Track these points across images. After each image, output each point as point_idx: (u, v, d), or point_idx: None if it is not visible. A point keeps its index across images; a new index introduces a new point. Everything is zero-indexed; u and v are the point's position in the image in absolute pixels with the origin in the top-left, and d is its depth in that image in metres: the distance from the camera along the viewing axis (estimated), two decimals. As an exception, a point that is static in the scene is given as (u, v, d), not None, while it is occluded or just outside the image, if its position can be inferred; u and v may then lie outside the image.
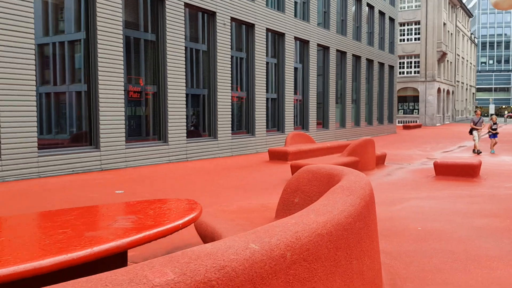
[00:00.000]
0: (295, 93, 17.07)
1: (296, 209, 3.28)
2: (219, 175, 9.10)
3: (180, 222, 2.44)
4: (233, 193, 6.92)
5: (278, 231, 1.57)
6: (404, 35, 42.03)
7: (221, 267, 1.27)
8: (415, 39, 41.77)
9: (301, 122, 17.66)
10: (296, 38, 16.82)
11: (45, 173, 8.50)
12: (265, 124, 14.89)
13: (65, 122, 9.82)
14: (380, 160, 10.32)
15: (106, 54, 9.67)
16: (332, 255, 1.76)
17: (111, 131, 9.82)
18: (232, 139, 13.42)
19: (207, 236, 3.32)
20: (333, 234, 1.79)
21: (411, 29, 41.92)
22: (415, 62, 41.83)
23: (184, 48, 11.68)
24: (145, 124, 11.42)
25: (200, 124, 13.01)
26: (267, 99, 15.32)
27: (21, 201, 6.27)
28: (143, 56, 11.31)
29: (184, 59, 11.67)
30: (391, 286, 3.05)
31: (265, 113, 14.89)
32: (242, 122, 14.41)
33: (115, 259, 2.39)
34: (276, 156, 11.16)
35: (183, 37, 11.66)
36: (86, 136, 9.75)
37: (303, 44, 17.56)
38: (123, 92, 10.10)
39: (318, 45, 18.42)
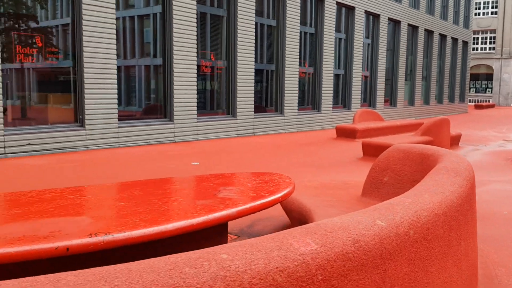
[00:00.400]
0: (363, 69, 16.66)
1: (385, 188, 3.27)
2: (288, 151, 9.17)
3: (279, 195, 2.52)
4: (304, 169, 6.96)
5: (399, 209, 1.60)
6: (479, 8, 39.48)
7: (356, 240, 1.32)
8: (492, 13, 39.12)
9: (368, 99, 17.27)
10: (366, 12, 16.30)
11: (124, 143, 8.96)
12: (331, 100, 14.71)
13: (140, 95, 10.24)
14: (455, 141, 9.93)
15: (180, 29, 9.90)
16: (446, 236, 1.77)
17: (184, 105, 10.13)
18: (298, 115, 13.41)
19: (293, 210, 3.40)
20: (447, 214, 1.79)
21: (488, 3, 39.26)
22: (490, 37, 39.30)
23: (254, 23, 11.70)
24: (214, 98, 11.66)
25: (267, 100, 13.08)
26: (334, 75, 15.08)
27: (109, 169, 6.67)
28: (214, 31, 11.46)
29: (254, 34, 11.71)
30: (484, 270, 2.99)
31: (332, 89, 14.69)
32: (309, 98, 14.32)
33: (217, 228, 2.52)
34: (344, 133, 11.04)
35: (254, 12, 11.66)
36: (161, 109, 10.13)
37: (373, 18, 17.00)
38: (195, 66, 10.34)
39: (389, 19, 17.75)
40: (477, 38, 39.50)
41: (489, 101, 38.06)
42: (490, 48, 39.24)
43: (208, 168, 6.83)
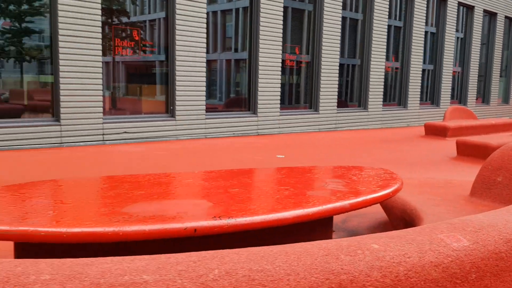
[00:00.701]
0: (454, 64, 15.76)
1: (498, 188, 3.06)
2: (373, 147, 8.92)
3: (390, 190, 2.44)
4: (394, 167, 6.73)
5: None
6: None
7: (507, 240, 1.23)
8: None
9: (459, 96, 16.32)
10: (460, 4, 15.38)
11: (210, 134, 9.23)
12: (419, 96, 14.09)
13: (221, 88, 10.45)
14: (560, 143, 9.08)
15: (267, 22, 9.97)
16: None
17: (267, 98, 10.22)
18: (382, 110, 13.00)
19: (395, 208, 3.28)
20: None
21: None
22: None
23: (340, 17, 11.48)
24: (297, 92, 11.62)
25: (350, 95, 12.81)
26: (423, 70, 14.41)
27: (201, 158, 6.90)
28: (299, 25, 11.41)
29: (340, 29, 11.50)
30: None
31: (419, 85, 14.07)
32: (394, 94, 13.82)
33: (324, 221, 2.49)
34: (433, 131, 10.52)
35: (340, 6, 11.44)
36: (245, 102, 10.28)
37: (466, 10, 16.00)
38: (280, 60, 10.37)
39: (484, 11, 16.61)
40: None
41: None
42: None
43: (293, 161, 6.83)
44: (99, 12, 7.64)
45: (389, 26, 13.26)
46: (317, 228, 2.32)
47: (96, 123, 7.76)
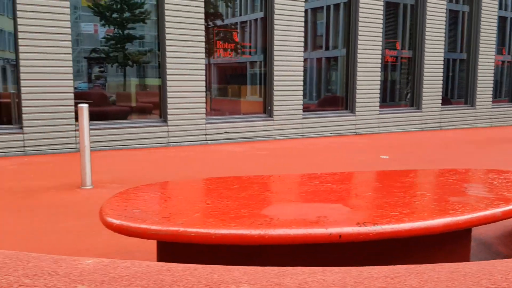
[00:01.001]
0: None
1: None
2: (485, 147, 8.25)
3: (543, 197, 2.17)
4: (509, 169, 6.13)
5: None
6: None
7: None
8: None
9: None
10: None
11: (308, 133, 9.15)
12: (534, 92, 12.84)
13: (311, 86, 10.29)
14: None
15: (366, 18, 9.66)
16: None
17: (366, 96, 9.90)
18: (492, 108, 12.02)
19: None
20: None
21: None
22: None
23: (445, 10, 10.80)
24: (397, 89, 11.14)
25: (451, 91, 12.00)
26: (539, 62, 13.09)
27: (302, 158, 6.86)
28: (400, 20, 10.92)
29: (444, 22, 10.81)
30: None
31: (534, 79, 12.80)
32: (506, 89, 12.71)
33: (466, 231, 2.29)
34: (554, 130, 9.48)
35: (445, -4, 10.77)
36: (341, 100, 10.06)
37: None
38: (380, 57, 9.99)
39: None
40: None
41: None
42: None
43: (399, 162, 6.52)
44: (203, 16, 7.90)
45: (499, 17, 12.21)
46: (462, 236, 2.14)
47: (200, 123, 8.03)
